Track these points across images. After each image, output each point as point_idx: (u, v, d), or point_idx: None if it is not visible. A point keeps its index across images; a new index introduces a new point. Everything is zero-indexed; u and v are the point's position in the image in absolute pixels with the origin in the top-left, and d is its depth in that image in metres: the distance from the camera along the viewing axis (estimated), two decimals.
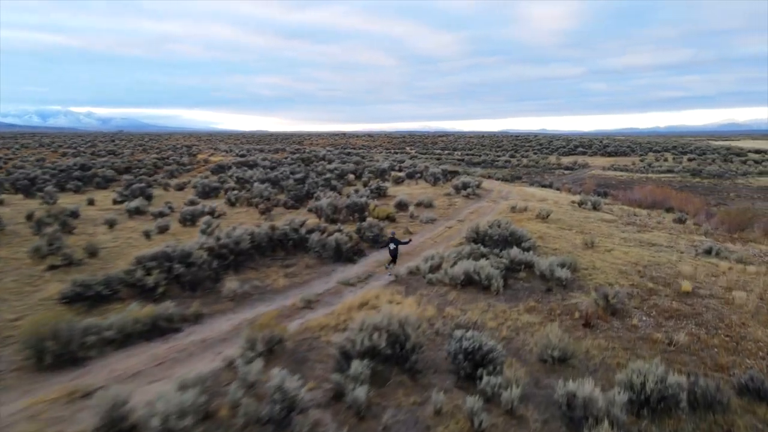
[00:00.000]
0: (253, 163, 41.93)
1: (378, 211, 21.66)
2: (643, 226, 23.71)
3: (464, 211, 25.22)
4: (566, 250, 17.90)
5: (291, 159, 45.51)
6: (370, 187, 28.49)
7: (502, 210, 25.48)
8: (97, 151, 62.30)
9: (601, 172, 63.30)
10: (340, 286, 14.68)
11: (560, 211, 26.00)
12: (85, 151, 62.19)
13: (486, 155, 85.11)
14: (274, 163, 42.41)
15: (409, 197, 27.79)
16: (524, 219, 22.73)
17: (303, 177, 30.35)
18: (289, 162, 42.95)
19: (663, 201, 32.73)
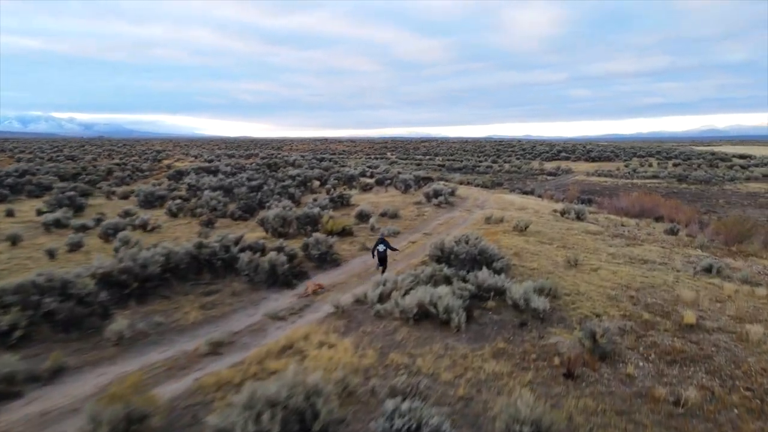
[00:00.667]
0: (215, 168, 38.96)
1: (331, 224, 18.88)
2: (633, 239, 21.21)
3: (433, 223, 22.53)
4: (546, 271, 15.26)
5: (256, 164, 42.61)
6: (332, 195, 25.70)
7: (475, 221, 22.85)
8: (56, 157, 58.68)
9: (585, 177, 61.20)
10: (267, 321, 11.86)
11: (541, 221, 23.43)
12: (42, 157, 58.54)
13: (467, 160, 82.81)
14: (236, 168, 39.49)
15: (374, 207, 25.08)
16: (499, 232, 20.10)
17: (260, 184, 27.50)
18: (253, 168, 40.07)
19: (652, 209, 30.41)
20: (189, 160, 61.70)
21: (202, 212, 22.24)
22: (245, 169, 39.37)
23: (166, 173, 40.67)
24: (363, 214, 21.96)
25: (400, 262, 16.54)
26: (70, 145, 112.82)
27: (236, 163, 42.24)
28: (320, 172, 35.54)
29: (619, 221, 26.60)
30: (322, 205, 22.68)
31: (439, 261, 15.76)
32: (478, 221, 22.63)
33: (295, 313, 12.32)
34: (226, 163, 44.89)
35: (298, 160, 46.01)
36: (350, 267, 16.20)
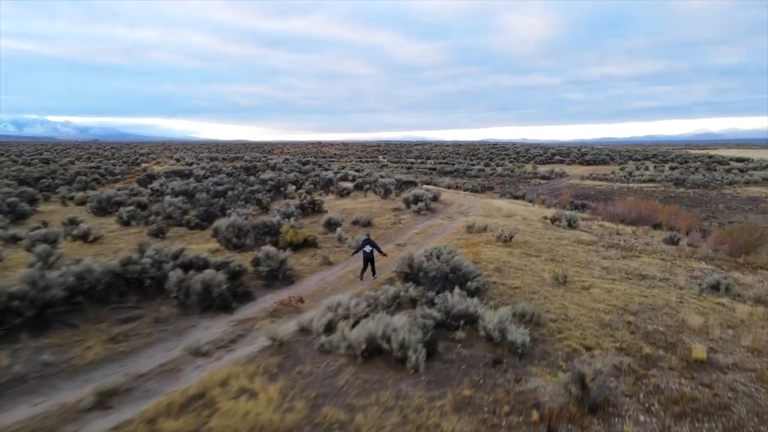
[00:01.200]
0: (188, 172, 36.81)
1: (291, 235, 16.77)
2: (629, 250, 19.17)
3: (409, 232, 20.44)
4: (530, 290, 13.20)
5: (233, 168, 40.45)
6: (302, 201, 23.59)
7: (456, 230, 20.78)
8: (30, 160, 56.37)
9: (579, 181, 59.29)
10: (185, 358, 9.72)
11: (528, 230, 21.39)
12: (16, 160, 56.22)
13: (459, 164, 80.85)
14: (211, 172, 37.35)
15: (348, 213, 23.02)
16: (481, 243, 18.04)
17: (225, 189, 25.37)
18: (228, 171, 37.92)
19: (649, 215, 28.42)
20: (170, 163, 59.51)
21: (155, 220, 20.09)
22: (221, 172, 37.24)
23: (137, 177, 38.49)
24: (331, 222, 19.87)
25: (365, 279, 14.44)
26: (56, 148, 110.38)
27: (213, 167, 40.13)
28: (297, 175, 33.43)
29: (615, 229, 24.58)
30: (287, 212, 20.58)
31: (407, 278, 13.69)
32: (459, 230, 20.56)
33: (224, 346, 10.18)
34: (202, 166, 42.71)
35: (279, 164, 43.87)
36: (305, 285, 14.08)
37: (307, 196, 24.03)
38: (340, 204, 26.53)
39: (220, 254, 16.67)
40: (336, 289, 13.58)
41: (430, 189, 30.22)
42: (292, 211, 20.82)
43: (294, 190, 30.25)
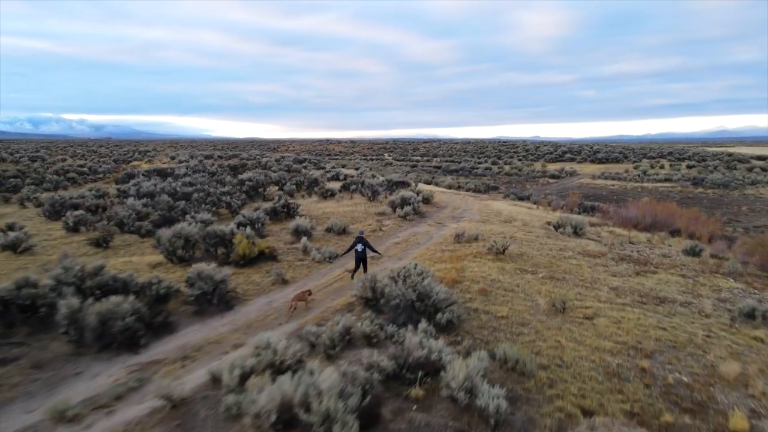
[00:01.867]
0: (171, 171, 34.58)
1: (244, 246, 14.29)
2: (644, 264, 16.44)
3: (389, 241, 17.88)
4: (518, 321, 10.63)
5: (217, 167, 38.12)
6: (276, 204, 21.12)
7: (443, 239, 18.18)
8: (19, 158, 54.61)
9: (591, 180, 56.26)
10: (45, 425, 7.29)
11: (527, 239, 18.74)
12: (5, 158, 54.49)
13: (466, 162, 78.01)
14: (194, 170, 35.07)
15: (324, 219, 20.56)
16: (468, 255, 15.45)
17: (191, 192, 22.94)
18: (213, 170, 35.57)
19: (666, 220, 25.57)
20: (163, 161, 57.45)
21: (104, 226, 17.74)
22: (204, 171, 34.95)
23: (116, 177, 36.38)
24: (299, 230, 17.37)
25: (321, 304, 11.94)
26: (57, 145, 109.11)
27: (197, 165, 37.89)
28: (284, 175, 30.97)
29: (627, 236, 21.82)
30: (252, 218, 18.11)
31: (368, 304, 11.18)
32: (446, 239, 17.96)
33: (103, 405, 7.74)
34: (189, 164, 40.41)
35: (270, 162, 41.47)
36: (246, 311, 11.59)
37: (282, 198, 21.52)
38: (321, 207, 24.03)
39: (162, 269, 14.30)
40: (281, 317, 11.09)
41: (423, 190, 27.61)
42: (259, 216, 18.35)
43: (276, 190, 27.86)
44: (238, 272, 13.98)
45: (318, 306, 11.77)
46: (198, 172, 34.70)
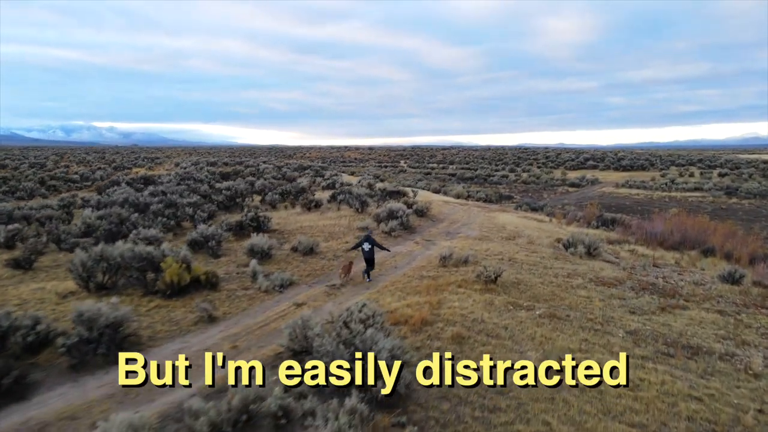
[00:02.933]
0: (157, 178, 32.46)
1: (174, 272, 11.69)
2: (671, 295, 13.34)
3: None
4: (494, 390, 7.74)
5: (207, 174, 35.83)
6: (244, 217, 18.56)
7: (426, 262, 15.31)
8: (20, 165, 53.50)
9: (613, 189, 52.58)
10: None
11: (530, 261, 15.78)
12: (8, 164, 53.48)
13: (483, 169, 74.78)
14: (181, 178, 32.86)
15: (295, 234, 17.93)
16: (451, 284, 12.61)
17: (156, 201, 20.48)
18: (201, 178, 33.27)
19: (697, 237, 22.25)
20: (167, 168, 55.76)
21: (33, 243, 15.38)
22: (191, 178, 32.70)
23: (102, 185, 34.44)
24: (255, 249, 14.71)
25: (246, 352, 9.23)
26: (77, 152, 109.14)
27: (185, 173, 35.77)
28: (267, 183, 28.44)
29: (651, 257, 18.66)
30: (207, 234, 15.55)
31: (296, 355, 8.45)
32: (430, 262, 15.10)
33: None
34: (181, 172, 38.30)
35: (267, 169, 39.05)
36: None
37: (252, 210, 18.93)
38: (301, 220, 21.37)
39: (74, 299, 11.78)
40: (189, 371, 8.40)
41: (421, 200, 24.73)
42: (215, 233, 15.77)
43: (259, 201, 25.36)
44: (162, 305, 11.38)
45: (241, 353, 9.07)
46: (185, 179, 32.48)
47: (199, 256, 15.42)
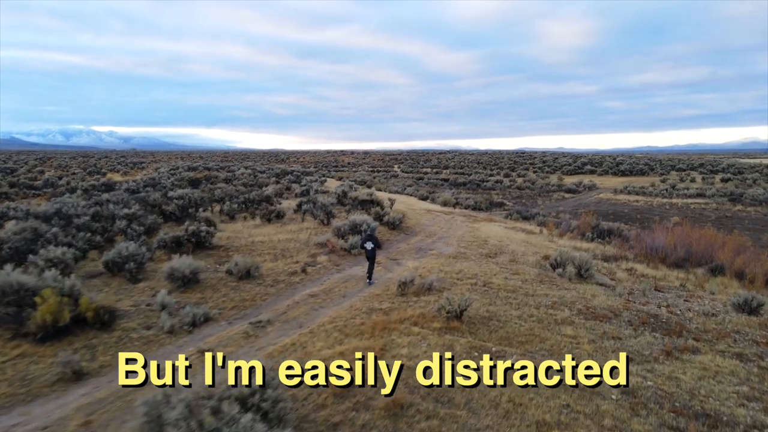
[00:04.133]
0: (117, 186, 29.94)
1: (50, 308, 9.21)
2: (677, 332, 10.85)
3: (304, 291, 12.53)
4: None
5: (174, 180, 33.31)
6: (187, 231, 16.07)
7: (384, 287, 12.80)
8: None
9: (611, 195, 50.11)
10: None
11: (510, 285, 13.30)
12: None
13: (477, 174, 72.35)
14: (144, 184, 30.38)
15: (245, 251, 15.47)
16: (407, 321, 10.14)
17: (87, 212, 17.94)
18: (168, 184, 30.80)
19: (704, 251, 19.78)
20: (143, 174, 53.30)
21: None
22: (157, 185, 30.22)
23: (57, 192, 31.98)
24: (176, 275, 12.22)
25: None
26: (64, 156, 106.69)
27: (150, 180, 33.32)
28: (231, 191, 25.91)
29: (652, 277, 16.21)
30: (127, 255, 13.08)
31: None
32: (387, 289, 12.59)
33: None
34: (145, 179, 35.81)
35: (245, 174, 36.48)
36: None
37: (194, 224, 16.45)
38: (255, 234, 18.87)
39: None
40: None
41: (388, 211, 22.22)
42: (135, 252, 13.27)
43: (218, 211, 22.88)
44: (29, 352, 8.90)
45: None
46: (149, 186, 30.00)
47: (115, 281, 12.96)
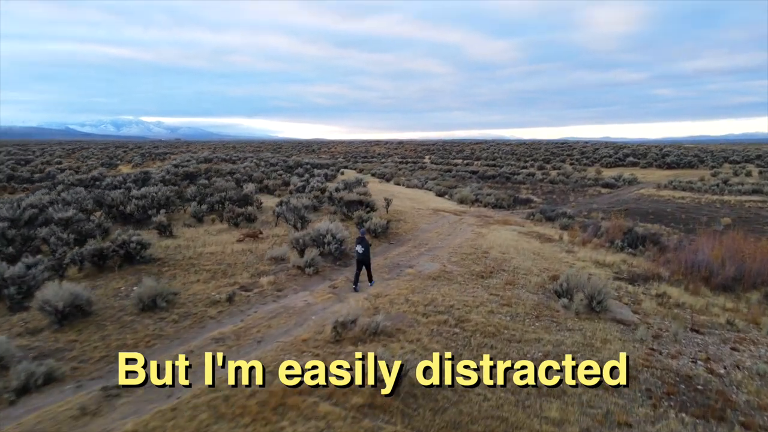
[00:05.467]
0: (103, 178, 27.95)
1: None
2: (717, 413, 7.45)
3: (215, 330, 9.57)
4: None
5: (164, 174, 30.98)
6: (115, 241, 13.49)
7: (317, 328, 9.69)
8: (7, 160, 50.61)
9: (654, 191, 45.26)
10: None
11: (494, 322, 10.10)
12: None
13: (509, 166, 68.02)
14: (135, 179, 28.26)
15: (174, 268, 12.78)
16: (317, 392, 7.14)
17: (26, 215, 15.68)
18: (161, 178, 28.52)
19: (760, 267, 15.91)
20: (158, 165, 51.80)
21: None
22: (148, 180, 28.04)
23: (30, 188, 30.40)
24: (47, 309, 9.57)
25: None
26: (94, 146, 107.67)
27: (141, 173, 31.20)
28: (205, 189, 23.18)
29: (689, 306, 12.65)
30: (10, 277, 10.59)
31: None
32: (321, 331, 9.54)
33: None
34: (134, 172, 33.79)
35: (249, 167, 33.86)
36: None
37: (125, 234, 13.85)
38: (210, 242, 16.09)
39: None
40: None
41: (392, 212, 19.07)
42: (21, 274, 10.76)
43: (184, 211, 20.34)
44: None
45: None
46: (138, 180, 27.89)
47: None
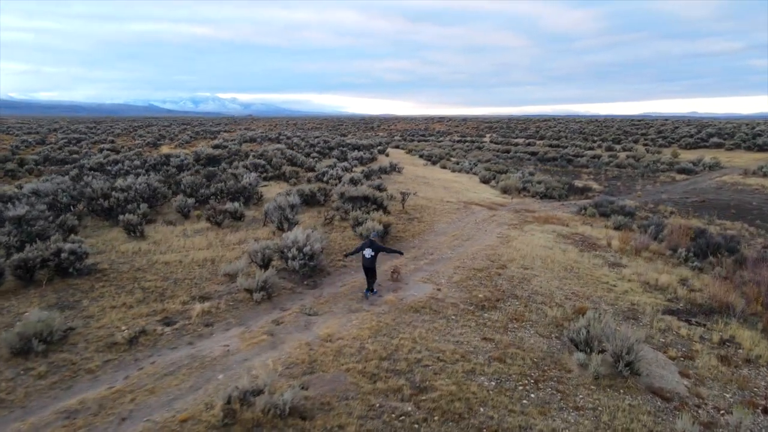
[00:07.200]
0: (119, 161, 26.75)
1: None
2: None
3: (46, 409, 7.21)
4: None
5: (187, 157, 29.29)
6: (47, 249, 11.59)
7: (202, 410, 7.07)
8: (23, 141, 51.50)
9: (739, 178, 39.18)
10: None
11: (468, 395, 7.20)
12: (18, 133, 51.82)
13: (574, 147, 62.43)
14: (154, 162, 26.83)
15: (118, 280, 10.70)
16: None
17: None
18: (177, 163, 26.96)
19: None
20: (201, 146, 51.22)
21: None
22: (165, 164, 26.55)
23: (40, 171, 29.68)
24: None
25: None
26: (160, 122, 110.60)
27: (160, 157, 29.83)
28: (201, 180, 20.98)
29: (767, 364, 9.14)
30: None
31: None
32: (207, 409, 6.98)
33: None
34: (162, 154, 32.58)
35: (268, 153, 31.74)
36: None
37: (57, 241, 11.95)
38: (177, 247, 13.95)
39: None
40: None
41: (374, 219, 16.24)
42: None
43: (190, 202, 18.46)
44: None
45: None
46: (159, 164, 26.48)
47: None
